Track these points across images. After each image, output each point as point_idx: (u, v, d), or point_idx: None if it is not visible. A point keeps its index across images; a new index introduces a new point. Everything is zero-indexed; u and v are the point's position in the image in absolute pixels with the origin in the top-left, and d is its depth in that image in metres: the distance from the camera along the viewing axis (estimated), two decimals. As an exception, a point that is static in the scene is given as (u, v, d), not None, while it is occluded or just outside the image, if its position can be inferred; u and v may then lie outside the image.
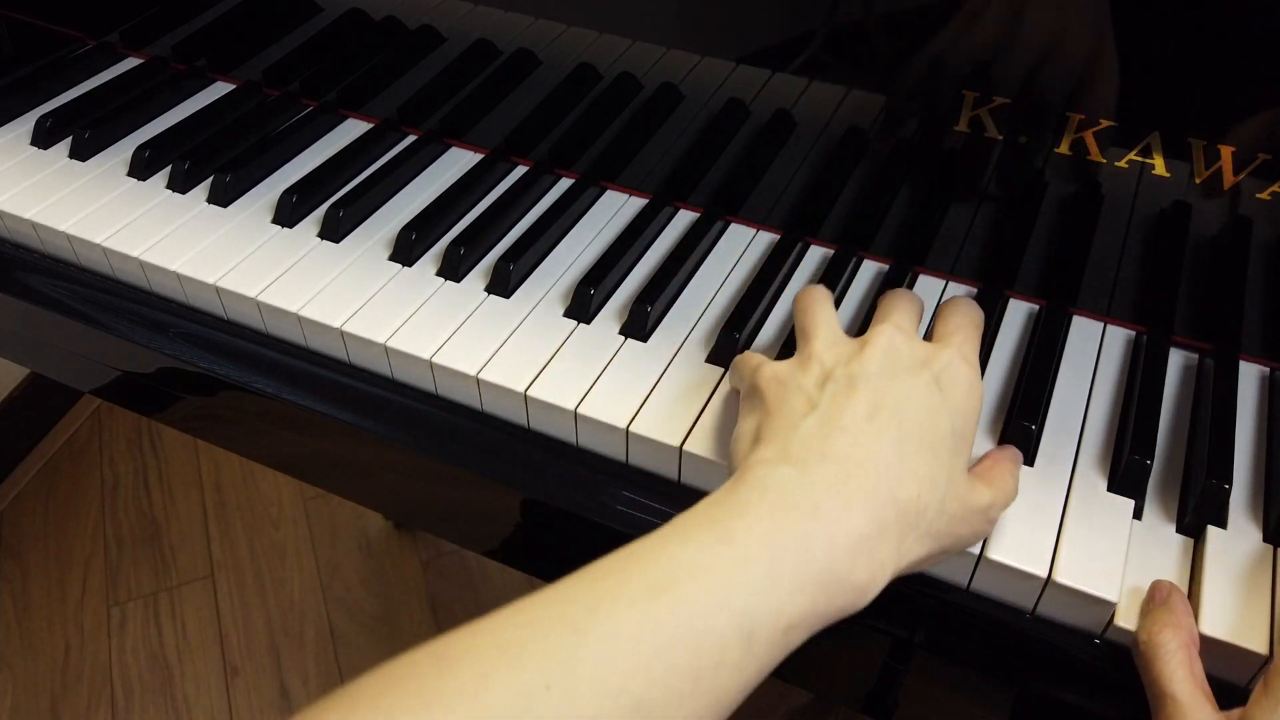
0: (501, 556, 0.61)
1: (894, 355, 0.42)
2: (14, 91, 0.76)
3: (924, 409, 0.40)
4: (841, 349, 0.43)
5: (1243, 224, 0.51)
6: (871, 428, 0.39)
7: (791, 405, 0.41)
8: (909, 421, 0.39)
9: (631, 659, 0.31)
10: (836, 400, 0.40)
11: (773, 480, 0.37)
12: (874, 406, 0.39)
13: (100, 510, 1.56)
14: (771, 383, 0.42)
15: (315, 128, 0.74)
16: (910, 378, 0.41)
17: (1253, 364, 0.55)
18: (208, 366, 0.59)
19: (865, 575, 0.36)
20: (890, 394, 0.40)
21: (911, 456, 0.38)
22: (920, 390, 0.40)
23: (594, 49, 0.63)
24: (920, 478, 0.38)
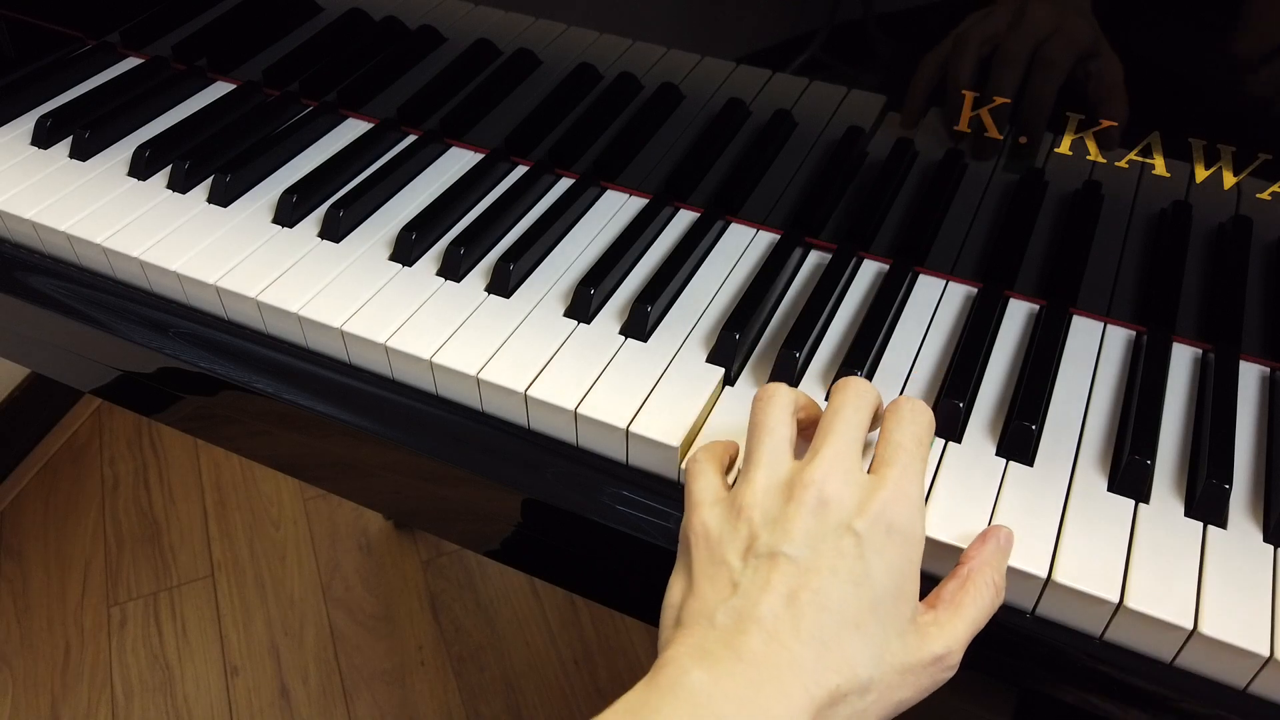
0: (501, 556, 0.61)
1: (821, 516, 0.40)
2: (14, 91, 0.76)
3: (851, 580, 0.38)
4: (773, 501, 0.41)
5: (1243, 224, 0.51)
6: (789, 617, 0.38)
7: (714, 583, 0.40)
8: (832, 604, 0.38)
9: None
10: (756, 581, 0.39)
11: (684, 687, 0.36)
12: (793, 591, 0.38)
13: (100, 510, 1.56)
14: (700, 540, 0.42)
15: (315, 128, 0.74)
16: (835, 545, 0.39)
17: (1253, 364, 0.55)
18: (208, 366, 0.59)
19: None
20: (812, 574, 0.38)
21: (835, 643, 0.37)
22: (846, 563, 0.39)
23: (594, 49, 0.63)
24: (847, 661, 0.37)
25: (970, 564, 0.42)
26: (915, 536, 0.40)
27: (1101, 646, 0.44)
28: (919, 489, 0.41)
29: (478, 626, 1.39)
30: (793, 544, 0.39)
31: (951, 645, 0.40)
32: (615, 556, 0.53)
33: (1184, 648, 0.42)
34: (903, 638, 0.39)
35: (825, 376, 0.54)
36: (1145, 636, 0.43)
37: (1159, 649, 0.43)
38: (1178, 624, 0.42)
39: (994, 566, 0.42)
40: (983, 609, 0.41)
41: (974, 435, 0.50)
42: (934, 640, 0.40)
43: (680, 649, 0.38)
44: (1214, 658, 0.42)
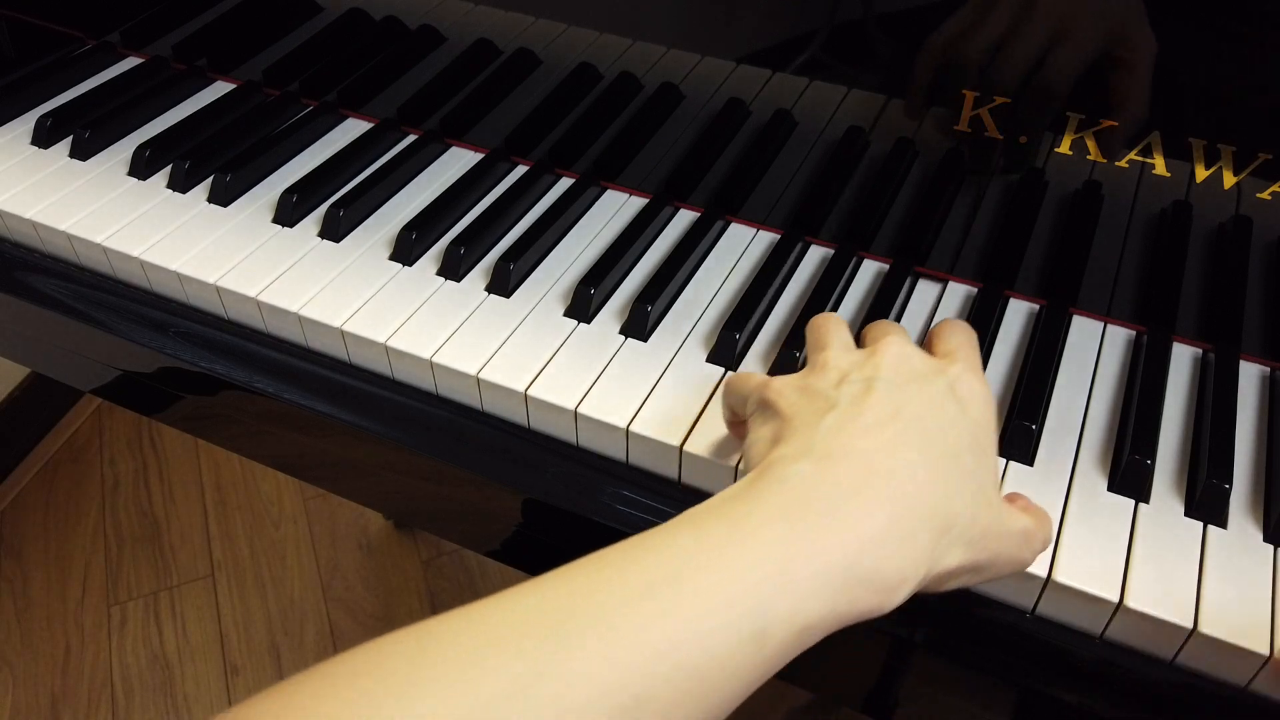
0: (501, 556, 0.61)
1: (906, 361, 0.40)
2: (14, 91, 0.76)
3: (944, 417, 0.38)
4: (854, 356, 0.41)
5: (1243, 224, 0.51)
6: (893, 429, 0.36)
7: (810, 405, 0.39)
8: (931, 428, 0.37)
9: (632, 655, 0.29)
10: (855, 401, 0.38)
11: (791, 476, 0.35)
12: (894, 409, 0.37)
13: (100, 510, 1.56)
14: (785, 391, 0.41)
15: (315, 127, 0.74)
16: (925, 384, 0.39)
17: (1253, 364, 0.55)
18: (208, 366, 0.59)
19: (893, 573, 0.33)
20: (908, 399, 0.38)
21: (937, 463, 0.36)
22: (938, 398, 0.38)
23: (594, 49, 0.63)
24: (948, 484, 0.36)
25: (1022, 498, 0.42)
26: (992, 409, 0.40)
27: (1102, 646, 0.44)
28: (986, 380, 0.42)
29: (478, 626, 1.39)
30: (885, 378, 0.39)
31: (1032, 530, 0.39)
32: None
33: (1184, 647, 0.42)
34: (996, 496, 0.38)
35: (825, 376, 0.54)
36: (1145, 636, 0.43)
37: (1159, 648, 0.43)
38: (1178, 623, 0.42)
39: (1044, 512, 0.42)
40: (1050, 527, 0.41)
41: (974, 435, 0.50)
42: (1018, 517, 0.39)
43: (784, 449, 0.37)
44: (1214, 657, 0.42)
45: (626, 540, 0.33)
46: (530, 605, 0.30)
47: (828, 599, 0.32)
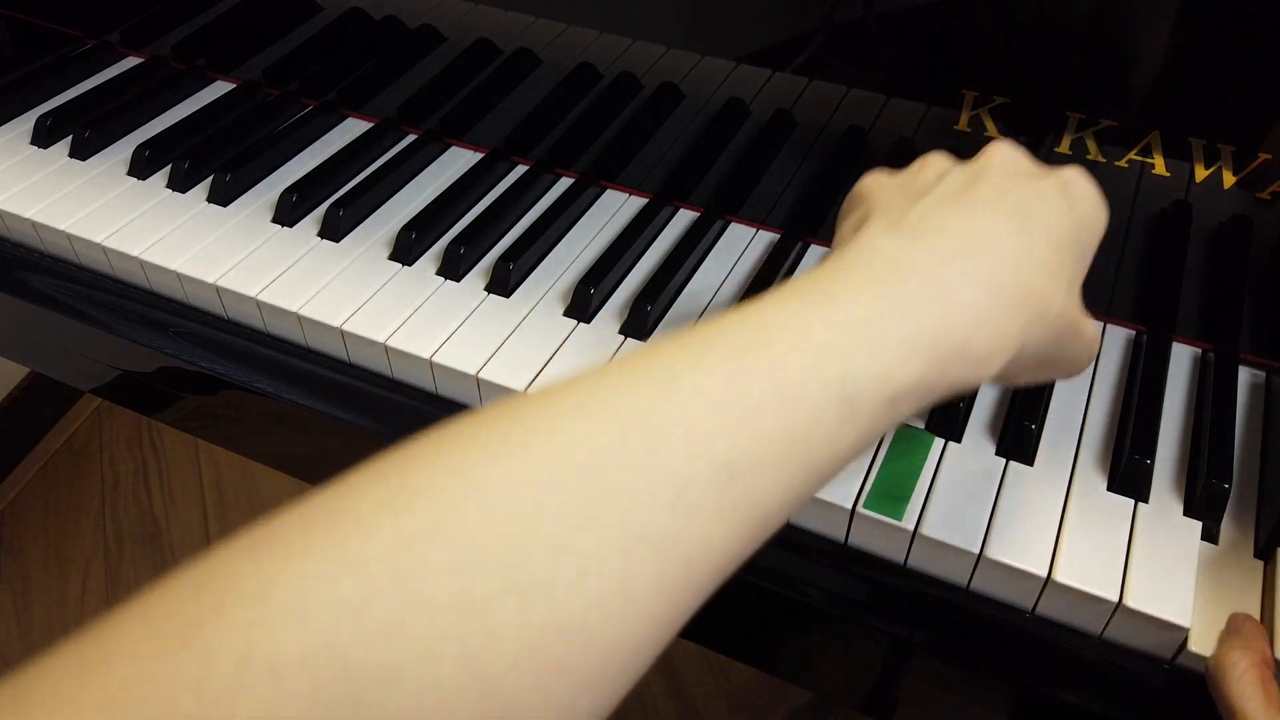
0: (501, 556, 0.61)
1: (1016, 158, 0.38)
2: (14, 91, 0.76)
3: (1051, 210, 0.36)
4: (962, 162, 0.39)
5: (1243, 224, 0.51)
6: (994, 212, 0.35)
7: (905, 193, 0.37)
8: (1036, 218, 0.35)
9: (716, 418, 0.27)
10: (955, 189, 0.36)
11: (881, 247, 0.33)
12: (999, 195, 0.36)
13: (100, 510, 1.56)
14: (881, 180, 0.39)
15: (315, 127, 0.74)
16: (1036, 180, 0.37)
17: (1253, 364, 0.55)
18: (208, 366, 0.60)
19: (984, 346, 0.32)
20: (1016, 188, 0.36)
21: (1038, 248, 0.35)
22: (1048, 192, 0.37)
23: (594, 49, 0.63)
24: (1046, 271, 0.34)
25: None
26: (1103, 215, 0.38)
27: (1101, 645, 0.44)
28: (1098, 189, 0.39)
29: (477, 626, 1.39)
30: (991, 170, 0.37)
31: (1095, 339, 0.39)
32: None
33: (1184, 647, 0.42)
34: (1079, 300, 0.37)
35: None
36: (1145, 636, 0.43)
37: (1159, 648, 0.43)
38: (1177, 623, 0.42)
39: None
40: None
41: (974, 434, 0.50)
42: (1091, 324, 0.38)
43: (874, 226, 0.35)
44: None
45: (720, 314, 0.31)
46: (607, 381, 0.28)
47: (917, 367, 0.31)
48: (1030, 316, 0.34)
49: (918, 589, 0.47)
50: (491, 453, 0.26)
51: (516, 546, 0.24)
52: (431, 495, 0.25)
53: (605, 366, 0.29)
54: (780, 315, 0.31)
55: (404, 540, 0.23)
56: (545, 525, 0.24)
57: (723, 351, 0.29)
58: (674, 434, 0.27)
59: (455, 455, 0.26)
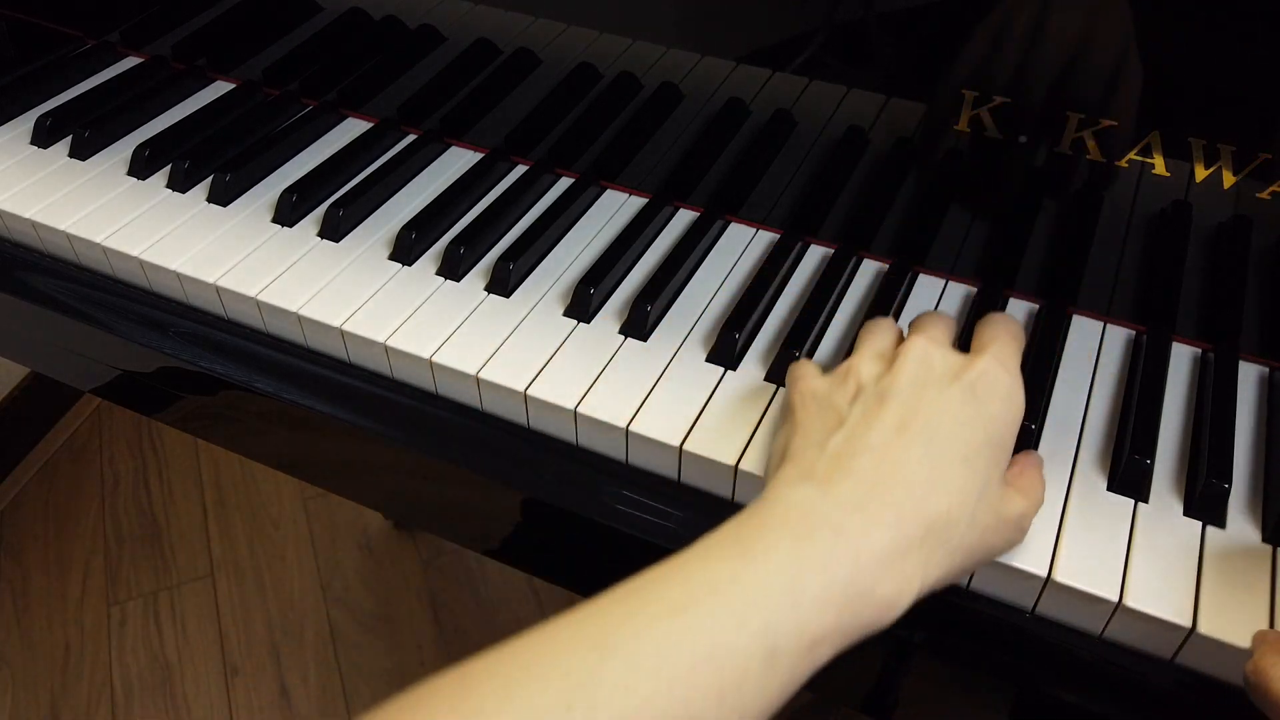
0: (501, 556, 0.61)
1: (927, 365, 0.41)
2: (14, 91, 0.76)
3: (958, 420, 0.39)
4: (879, 365, 0.42)
5: (1243, 224, 0.51)
6: (900, 442, 0.38)
7: (821, 422, 0.41)
8: (941, 435, 0.38)
9: (653, 680, 0.31)
10: (866, 416, 0.39)
11: (794, 499, 0.37)
12: (904, 420, 0.39)
13: (100, 510, 1.56)
14: (806, 398, 0.43)
15: (315, 127, 0.74)
16: (943, 388, 0.40)
17: (1253, 364, 0.55)
18: (208, 366, 0.59)
19: (891, 590, 0.36)
20: (922, 406, 0.39)
21: (943, 470, 0.38)
22: (955, 401, 0.40)
23: (594, 49, 0.63)
24: (952, 492, 0.38)
25: (1019, 459, 0.44)
26: (1016, 400, 0.41)
27: (1101, 645, 0.44)
28: (1017, 366, 0.43)
29: (477, 626, 1.39)
30: (899, 387, 0.40)
31: (1028, 510, 0.41)
32: (615, 556, 0.53)
33: (1183, 646, 0.42)
34: (999, 488, 0.40)
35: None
36: (1145, 635, 0.43)
37: (1158, 648, 0.43)
38: (1177, 623, 0.42)
39: (1038, 466, 0.45)
40: (1041, 491, 0.44)
41: (974, 435, 0.50)
42: (1015, 501, 0.41)
43: (789, 471, 0.39)
44: (1213, 656, 0.42)
45: (645, 571, 0.35)
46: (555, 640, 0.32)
47: (832, 615, 0.34)
48: (934, 545, 0.37)
49: (918, 589, 0.47)
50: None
51: None
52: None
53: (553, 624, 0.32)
54: (705, 573, 0.34)
55: None
56: None
57: (654, 612, 0.32)
58: (613, 700, 0.30)
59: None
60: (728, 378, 0.53)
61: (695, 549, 0.36)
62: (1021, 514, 0.41)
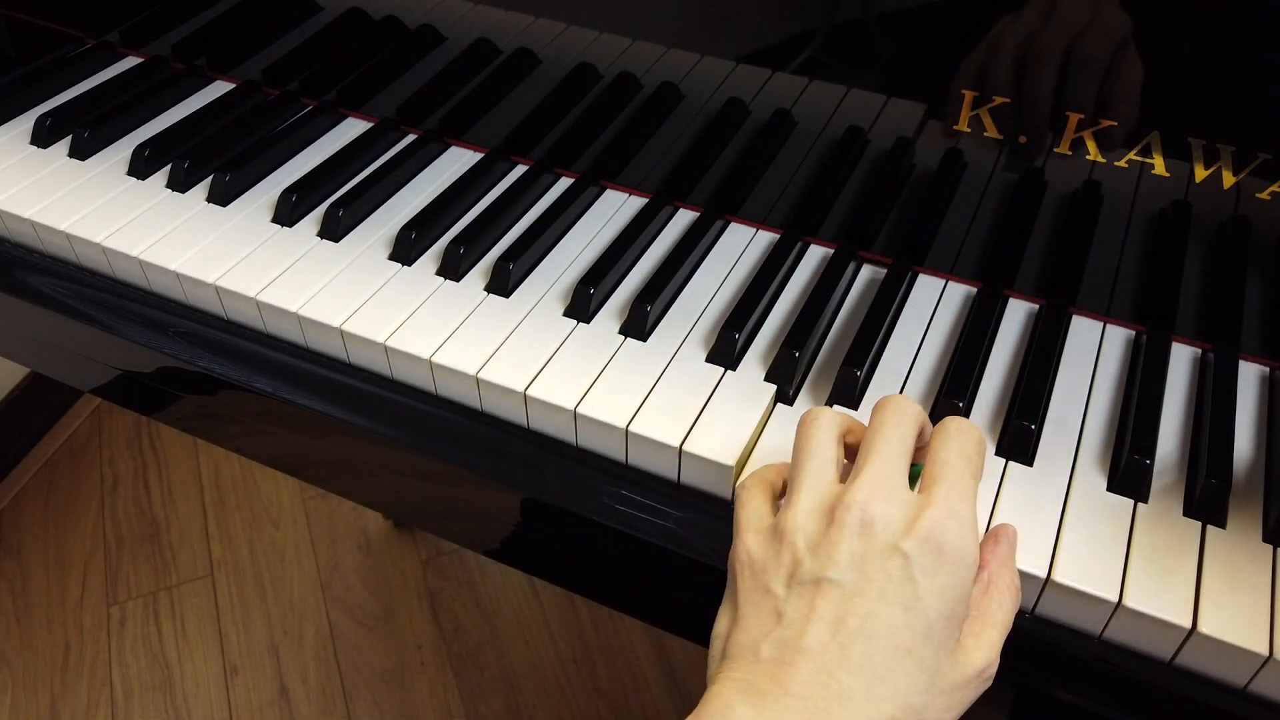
0: (501, 556, 0.61)
1: (867, 538, 0.38)
2: (14, 90, 0.76)
3: (899, 608, 0.37)
4: (815, 524, 0.39)
5: (1242, 224, 0.51)
6: (836, 646, 0.36)
7: (759, 612, 0.39)
8: (880, 631, 0.37)
9: None
10: (800, 609, 0.37)
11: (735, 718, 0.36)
12: (839, 618, 0.37)
13: (100, 510, 1.56)
14: (745, 569, 0.40)
15: (315, 127, 0.74)
16: (882, 568, 0.37)
17: (1253, 364, 0.55)
18: (207, 366, 0.59)
19: None
20: (859, 599, 0.37)
21: (885, 673, 0.36)
22: (895, 586, 0.37)
23: (594, 49, 0.63)
24: (899, 690, 0.36)
25: (989, 570, 0.40)
26: (967, 556, 0.38)
27: (1100, 645, 0.44)
28: (969, 506, 0.39)
29: (477, 626, 1.39)
30: (837, 568, 0.37)
31: (991, 656, 0.39)
32: (614, 556, 0.53)
33: (1183, 647, 0.42)
34: (952, 658, 0.38)
35: (825, 375, 0.54)
36: (1144, 636, 0.43)
37: (1158, 648, 0.43)
38: (1176, 623, 0.42)
39: (1009, 567, 0.41)
40: (1009, 613, 0.40)
41: (973, 435, 0.50)
42: (975, 654, 0.38)
43: (726, 684, 0.37)
44: (1213, 657, 0.42)
45: None
46: None
47: None
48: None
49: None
50: None
51: None
52: None
53: None
54: None
55: None
56: None
57: None
58: None
59: None
60: (727, 378, 0.53)
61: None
62: (984, 665, 0.39)
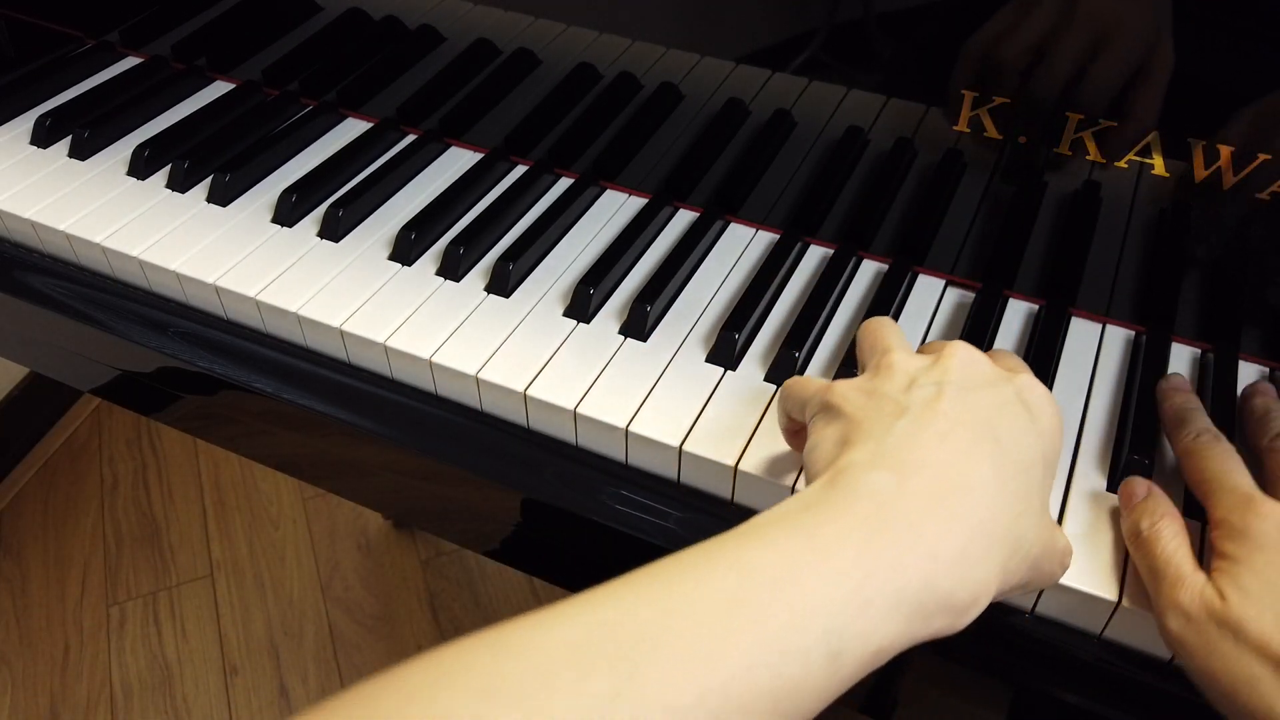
0: (501, 556, 0.61)
1: (974, 366, 0.39)
2: (14, 91, 0.76)
3: (1016, 428, 0.37)
4: (919, 360, 0.40)
5: (1243, 224, 0.51)
6: (967, 437, 0.35)
7: (879, 409, 0.37)
8: (1004, 439, 0.36)
9: (706, 677, 0.28)
10: (927, 405, 0.36)
11: (867, 487, 0.33)
12: (967, 414, 0.36)
13: (100, 510, 1.56)
14: (850, 394, 0.39)
15: (315, 127, 0.74)
16: (995, 390, 0.38)
17: (1253, 364, 0.55)
18: (207, 366, 0.59)
19: (967, 597, 0.33)
20: (981, 405, 0.37)
21: (1009, 477, 0.35)
22: (1009, 404, 0.37)
23: (594, 49, 0.63)
24: (1018, 501, 0.35)
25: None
26: (1060, 422, 0.39)
27: (1100, 646, 0.44)
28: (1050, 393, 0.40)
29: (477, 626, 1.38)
30: (953, 380, 0.37)
31: (1069, 546, 0.40)
32: (614, 556, 0.53)
33: (1183, 647, 0.42)
34: (1048, 512, 0.38)
35: (825, 375, 0.54)
36: (1145, 635, 0.43)
37: (1158, 647, 0.43)
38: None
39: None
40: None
41: (973, 435, 0.50)
42: (1061, 535, 0.39)
43: (857, 454, 0.35)
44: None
45: (693, 549, 0.31)
46: (604, 619, 0.29)
47: (902, 620, 0.31)
48: (1006, 556, 0.34)
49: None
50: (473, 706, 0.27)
51: None
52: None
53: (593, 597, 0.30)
54: (769, 558, 0.31)
55: None
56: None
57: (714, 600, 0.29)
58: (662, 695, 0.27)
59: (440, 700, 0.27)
60: (727, 378, 0.53)
61: (755, 529, 0.32)
62: (1066, 548, 0.40)
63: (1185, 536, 0.41)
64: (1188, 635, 0.37)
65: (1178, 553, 0.40)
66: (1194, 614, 0.37)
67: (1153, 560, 0.40)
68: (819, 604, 0.30)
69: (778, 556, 0.31)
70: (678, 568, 0.31)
